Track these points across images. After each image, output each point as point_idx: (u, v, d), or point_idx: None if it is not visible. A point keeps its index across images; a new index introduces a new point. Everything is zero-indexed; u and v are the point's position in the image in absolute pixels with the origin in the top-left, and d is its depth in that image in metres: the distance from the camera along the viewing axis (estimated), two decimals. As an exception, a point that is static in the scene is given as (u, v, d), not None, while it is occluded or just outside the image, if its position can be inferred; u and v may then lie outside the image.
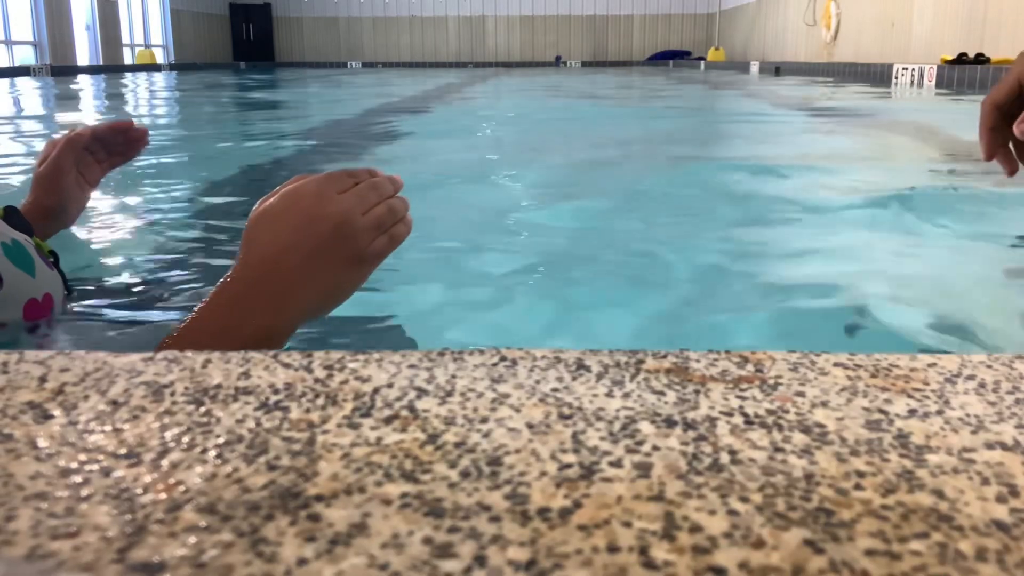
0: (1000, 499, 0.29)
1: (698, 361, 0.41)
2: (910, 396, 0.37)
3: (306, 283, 0.71)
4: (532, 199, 2.55)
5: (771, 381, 0.39)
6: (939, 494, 0.29)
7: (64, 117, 6.50)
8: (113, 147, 1.18)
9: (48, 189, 1.12)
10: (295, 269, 0.70)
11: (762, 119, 5.91)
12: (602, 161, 3.56)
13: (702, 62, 19.11)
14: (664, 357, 0.42)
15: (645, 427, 0.34)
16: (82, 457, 0.32)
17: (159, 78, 13.92)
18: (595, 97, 8.35)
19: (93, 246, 1.64)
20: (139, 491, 0.29)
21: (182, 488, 0.29)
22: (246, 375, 0.40)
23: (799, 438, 0.33)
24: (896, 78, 9.61)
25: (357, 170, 0.76)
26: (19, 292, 0.84)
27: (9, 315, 0.83)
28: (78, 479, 0.30)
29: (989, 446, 0.33)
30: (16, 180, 2.61)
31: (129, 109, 7.38)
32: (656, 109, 7.08)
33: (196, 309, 0.71)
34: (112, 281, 1.36)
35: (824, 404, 0.36)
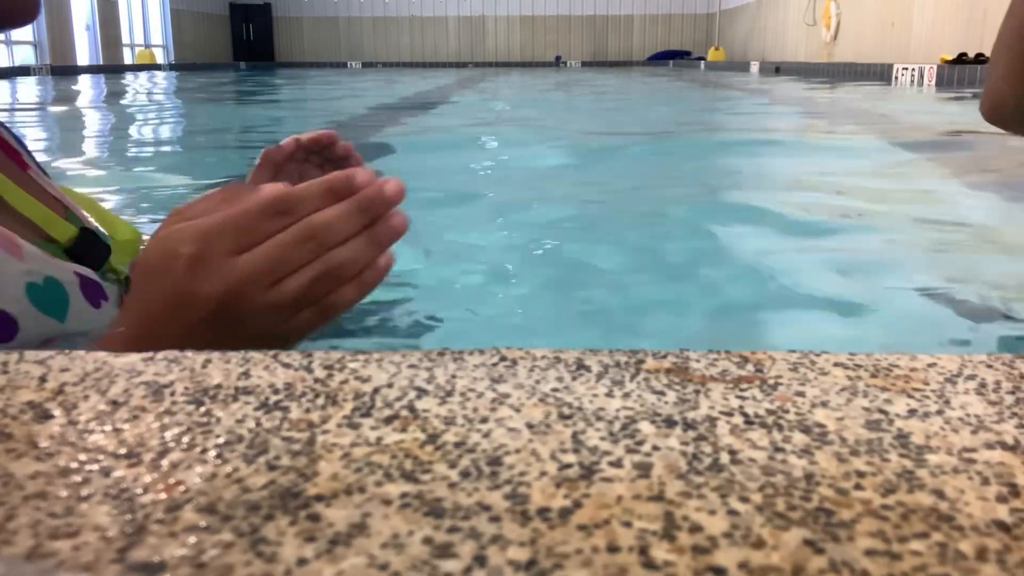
0: (1000, 499, 0.29)
1: (698, 361, 0.41)
2: (910, 396, 0.37)
3: (176, 337, 0.51)
4: (532, 199, 2.55)
5: (771, 381, 0.39)
6: (939, 494, 0.29)
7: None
8: (331, 156, 0.91)
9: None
10: (175, 340, 0.48)
11: (764, 116, 5.91)
12: (605, 150, 3.56)
13: (702, 62, 19.11)
14: (664, 357, 0.42)
15: (645, 427, 0.34)
16: (82, 457, 0.32)
17: (159, 78, 13.91)
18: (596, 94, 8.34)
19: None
20: (139, 491, 0.29)
21: (182, 488, 0.29)
22: (246, 375, 0.40)
23: (799, 438, 0.33)
24: (896, 78, 9.61)
25: (298, 195, 0.53)
26: (37, 336, 0.67)
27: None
28: (78, 479, 0.30)
29: (989, 446, 0.33)
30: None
31: (130, 109, 7.37)
32: (657, 108, 7.07)
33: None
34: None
35: (824, 404, 0.36)
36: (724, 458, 0.32)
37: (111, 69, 15.97)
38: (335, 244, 0.53)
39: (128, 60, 18.22)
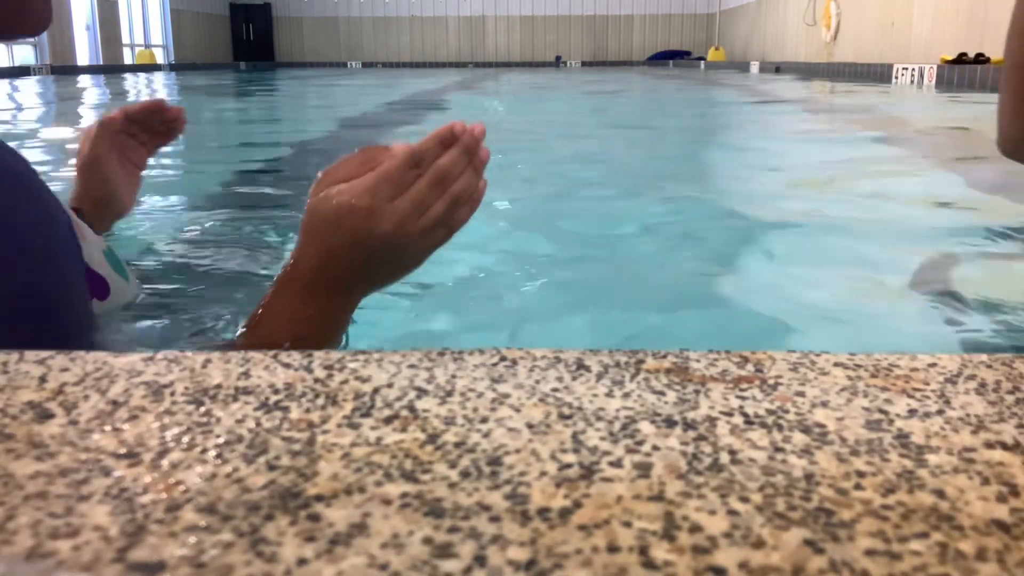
0: (1000, 499, 0.29)
1: (698, 361, 0.41)
2: (910, 396, 0.37)
3: (359, 278, 0.76)
4: (532, 199, 2.55)
5: (771, 381, 0.39)
6: (939, 494, 0.29)
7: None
8: (152, 127, 1.14)
9: (91, 179, 1.08)
10: (349, 268, 0.74)
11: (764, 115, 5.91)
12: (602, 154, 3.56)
13: (702, 62, 19.11)
14: (664, 357, 0.42)
15: (645, 427, 0.34)
16: (82, 457, 0.32)
17: (159, 78, 13.92)
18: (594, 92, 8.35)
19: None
20: (139, 491, 0.29)
21: (182, 488, 0.29)
22: (246, 375, 0.40)
23: (799, 438, 0.33)
24: (896, 78, 9.61)
25: (422, 149, 0.71)
26: (120, 301, 0.81)
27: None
28: (78, 479, 0.30)
29: (989, 446, 0.33)
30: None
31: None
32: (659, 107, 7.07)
33: (265, 299, 0.77)
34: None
35: (824, 404, 0.36)
36: (724, 458, 0.32)
37: (111, 69, 15.97)
38: (453, 180, 0.72)
39: (128, 60, 18.22)
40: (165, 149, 1.22)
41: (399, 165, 0.71)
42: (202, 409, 0.36)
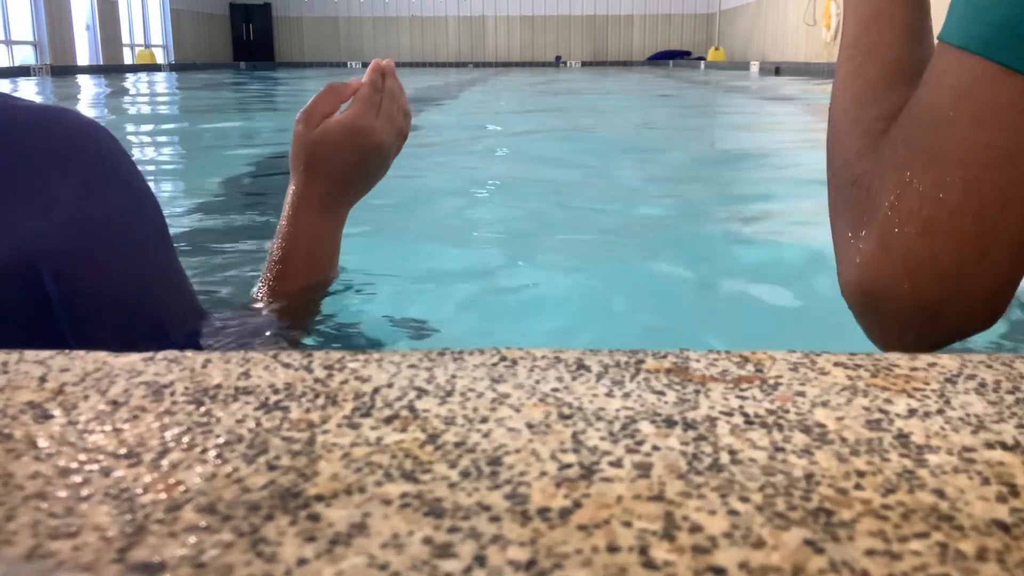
0: (1001, 499, 0.29)
1: (698, 361, 0.41)
2: (910, 396, 0.37)
3: (356, 190, 0.96)
4: (532, 197, 2.55)
5: (771, 381, 0.39)
6: (939, 494, 0.29)
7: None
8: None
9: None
10: (352, 182, 0.94)
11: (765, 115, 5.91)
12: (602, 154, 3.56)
13: (702, 62, 19.10)
14: (664, 357, 0.42)
15: (645, 427, 0.34)
16: (82, 457, 0.32)
17: (159, 78, 13.92)
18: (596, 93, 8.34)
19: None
20: (139, 491, 0.29)
21: (182, 488, 0.29)
22: (246, 375, 0.40)
23: (799, 438, 0.33)
24: (896, 78, 9.59)
25: (373, 79, 0.94)
26: None
27: None
28: (78, 479, 0.30)
29: (990, 446, 0.33)
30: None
31: (131, 109, 7.37)
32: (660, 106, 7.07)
33: (281, 230, 0.93)
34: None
35: (824, 404, 0.36)
36: (724, 458, 0.32)
37: (111, 69, 15.96)
38: (398, 99, 0.96)
39: (128, 60, 18.20)
40: (165, 148, 1.22)
41: (370, 91, 0.93)
42: (202, 409, 0.36)
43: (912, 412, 0.36)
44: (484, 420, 0.35)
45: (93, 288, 0.67)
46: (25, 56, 15.13)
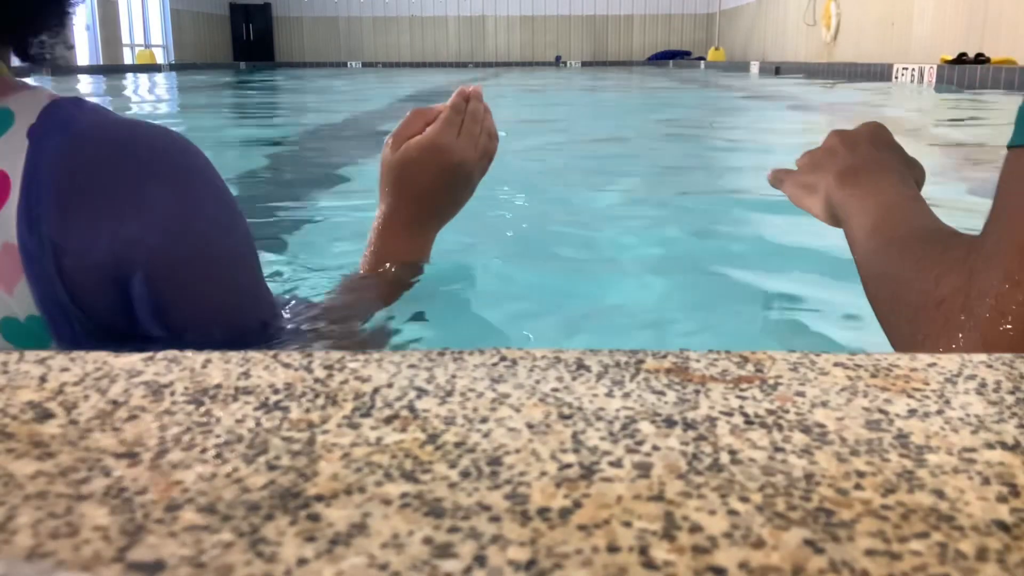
0: (1001, 499, 0.29)
1: (698, 361, 0.41)
2: (910, 396, 0.37)
3: (442, 211, 0.99)
4: (531, 197, 2.55)
5: (771, 381, 0.39)
6: (939, 494, 0.29)
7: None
8: None
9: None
10: (436, 203, 0.97)
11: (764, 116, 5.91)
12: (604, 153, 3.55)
13: (702, 62, 19.10)
14: (664, 357, 0.42)
15: (645, 427, 0.34)
16: (82, 457, 0.32)
17: (159, 78, 13.92)
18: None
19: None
20: (139, 491, 0.29)
21: (182, 488, 0.29)
22: (246, 375, 0.40)
23: (799, 438, 0.33)
24: (896, 78, 9.61)
25: (456, 102, 0.95)
26: None
27: None
28: (78, 479, 0.30)
29: (990, 446, 0.33)
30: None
31: (131, 109, 7.37)
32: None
33: (370, 249, 0.96)
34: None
35: (824, 404, 0.36)
36: (724, 458, 0.32)
37: (111, 69, 15.96)
38: (481, 120, 0.97)
39: (128, 60, 18.20)
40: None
41: (451, 113, 0.94)
42: (202, 409, 0.36)
43: (912, 412, 0.36)
44: (484, 420, 0.35)
45: (187, 297, 0.70)
46: (25, 56, 15.09)
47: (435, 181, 0.94)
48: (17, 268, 0.64)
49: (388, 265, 0.97)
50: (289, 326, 0.83)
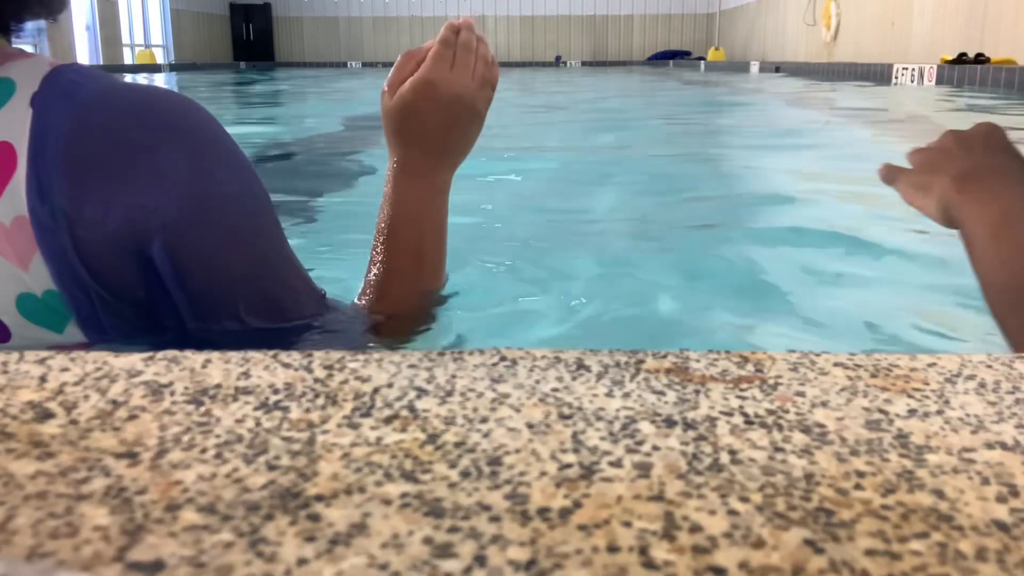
0: (1000, 499, 0.29)
1: (698, 361, 0.41)
2: (910, 396, 0.37)
3: (451, 149, 0.92)
4: (531, 197, 2.55)
5: (771, 381, 0.39)
6: (939, 494, 0.29)
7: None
8: None
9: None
10: (442, 141, 0.90)
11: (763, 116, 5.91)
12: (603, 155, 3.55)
13: (702, 62, 19.10)
14: (664, 357, 0.42)
15: (645, 427, 0.34)
16: (82, 457, 0.32)
17: (159, 78, 13.92)
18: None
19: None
20: (139, 491, 0.29)
21: (182, 488, 0.29)
22: (246, 375, 0.40)
23: (799, 438, 0.33)
24: (896, 78, 9.61)
25: (445, 36, 0.90)
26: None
27: None
28: (78, 479, 0.30)
29: (989, 446, 0.33)
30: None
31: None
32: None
33: (385, 193, 0.91)
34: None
35: (824, 404, 0.36)
36: (724, 458, 0.32)
37: (111, 69, 15.95)
38: (475, 49, 0.90)
39: (128, 60, 18.19)
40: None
41: (440, 47, 0.89)
42: (202, 409, 0.36)
43: (912, 412, 0.36)
44: (484, 420, 0.35)
45: (207, 263, 0.68)
46: (25, 56, 15.08)
47: (435, 119, 0.89)
48: (31, 242, 0.63)
49: (407, 212, 0.91)
50: (331, 300, 0.81)
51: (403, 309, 0.91)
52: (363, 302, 0.88)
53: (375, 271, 0.91)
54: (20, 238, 0.63)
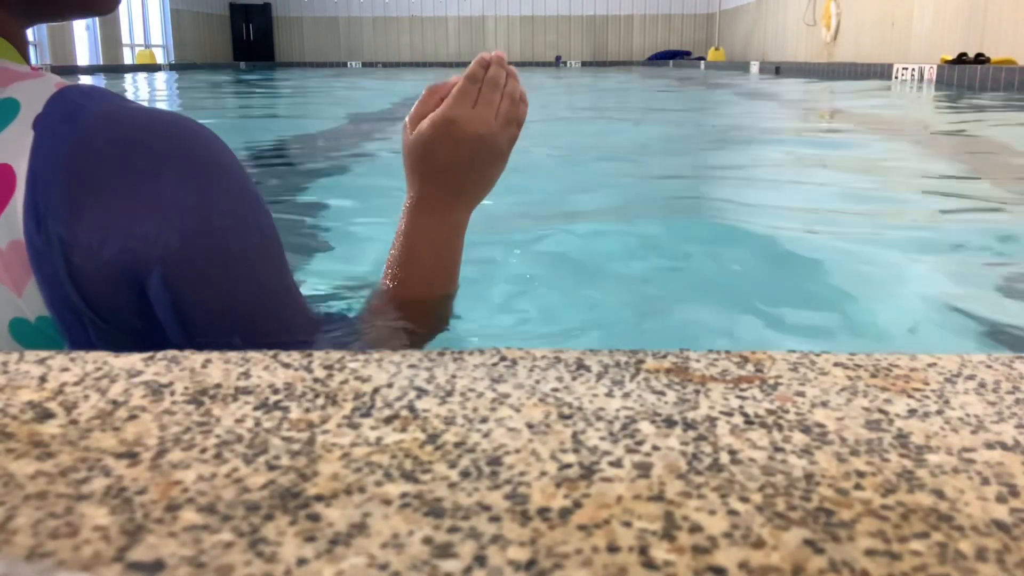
0: (1000, 499, 0.29)
1: (698, 361, 0.41)
2: (910, 396, 0.37)
3: (470, 189, 0.91)
4: (531, 196, 2.55)
5: (771, 381, 0.39)
6: (939, 494, 0.29)
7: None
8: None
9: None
10: (461, 180, 0.89)
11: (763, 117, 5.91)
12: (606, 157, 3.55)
13: (702, 62, 19.10)
14: (664, 357, 0.42)
15: (645, 427, 0.34)
16: (82, 457, 0.32)
17: (159, 78, 13.92)
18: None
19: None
20: (139, 491, 0.29)
21: (181, 487, 0.29)
22: (246, 375, 0.40)
23: (799, 438, 0.33)
24: (896, 78, 9.61)
25: (473, 71, 0.89)
26: None
27: None
28: (78, 479, 0.30)
29: (989, 446, 0.33)
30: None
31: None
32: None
33: (401, 235, 0.90)
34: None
35: (824, 404, 0.36)
36: (724, 458, 0.32)
37: (111, 69, 15.95)
38: (503, 85, 0.90)
39: (128, 60, 18.20)
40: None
41: (465, 84, 0.88)
42: (202, 409, 0.36)
43: (912, 412, 0.36)
44: (484, 420, 0.35)
45: (206, 295, 0.66)
46: (25, 56, 15.09)
47: (453, 157, 0.88)
48: (26, 267, 0.61)
49: (419, 252, 0.89)
50: (336, 331, 0.78)
51: (407, 341, 0.88)
52: (365, 327, 0.86)
53: (381, 302, 0.89)
54: (16, 262, 0.62)
